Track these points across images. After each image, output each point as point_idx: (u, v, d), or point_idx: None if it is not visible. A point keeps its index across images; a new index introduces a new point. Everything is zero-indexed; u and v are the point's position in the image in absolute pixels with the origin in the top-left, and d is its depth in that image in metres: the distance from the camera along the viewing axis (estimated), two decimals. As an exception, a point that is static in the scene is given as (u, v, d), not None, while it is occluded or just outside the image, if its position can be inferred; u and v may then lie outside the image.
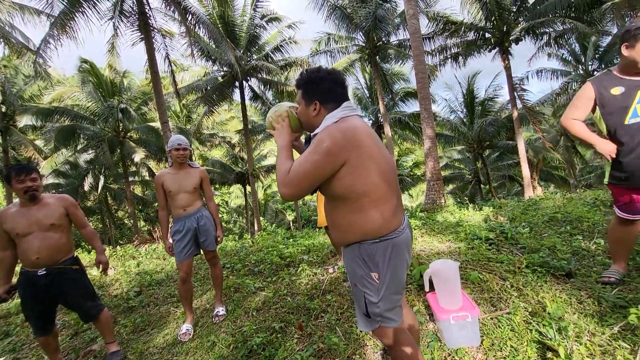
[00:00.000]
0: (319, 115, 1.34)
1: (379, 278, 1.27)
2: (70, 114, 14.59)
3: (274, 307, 2.85)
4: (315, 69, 1.37)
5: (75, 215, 2.48)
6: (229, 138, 21.43)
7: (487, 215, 4.64)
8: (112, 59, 10.81)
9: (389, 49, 14.20)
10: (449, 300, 1.99)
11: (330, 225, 1.41)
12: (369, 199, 1.25)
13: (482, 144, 18.40)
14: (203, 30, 11.08)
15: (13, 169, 2.25)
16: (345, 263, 1.39)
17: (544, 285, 2.36)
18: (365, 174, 1.23)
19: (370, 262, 1.27)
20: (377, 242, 1.26)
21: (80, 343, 2.92)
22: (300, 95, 1.39)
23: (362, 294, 1.30)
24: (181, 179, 2.71)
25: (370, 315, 1.30)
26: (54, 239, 2.32)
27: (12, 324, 3.49)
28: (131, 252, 6.14)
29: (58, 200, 2.43)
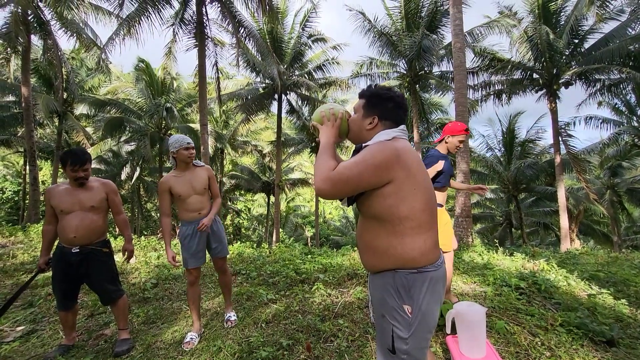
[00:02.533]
0: (372, 131, 1.32)
1: (411, 312, 1.17)
2: (121, 106, 15.72)
3: (284, 322, 2.78)
4: (387, 87, 1.37)
5: (114, 202, 2.61)
6: (261, 147, 22.01)
7: (520, 262, 4.34)
8: (168, 62, 11.58)
9: (430, 79, 14.16)
10: (471, 347, 1.84)
11: (363, 248, 1.31)
12: (413, 224, 1.19)
13: (517, 186, 17.54)
14: (252, 43, 11.67)
15: (70, 157, 2.41)
16: (372, 290, 1.31)
17: (579, 349, 2.14)
18: (412, 197, 1.19)
19: (405, 294, 1.18)
20: (415, 272, 1.19)
21: (94, 325, 3.00)
22: (360, 105, 1.36)
23: (390, 327, 1.20)
24: (190, 181, 2.56)
25: (396, 351, 1.19)
26: (91, 220, 2.45)
27: (37, 295, 3.66)
28: (154, 243, 6.33)
29: (102, 184, 2.57)
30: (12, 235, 7.11)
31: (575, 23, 12.01)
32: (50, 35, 11.35)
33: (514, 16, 12.86)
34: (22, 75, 11.00)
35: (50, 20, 11.13)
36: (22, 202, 19.18)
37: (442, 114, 18.43)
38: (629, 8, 11.60)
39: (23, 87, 10.77)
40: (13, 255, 5.40)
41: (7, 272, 4.52)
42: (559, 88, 12.80)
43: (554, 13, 12.49)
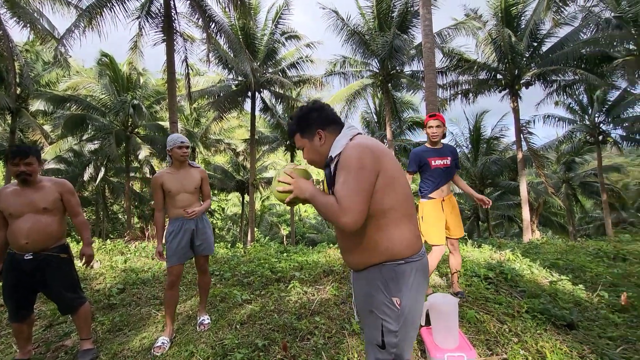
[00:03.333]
0: (327, 142, 1.31)
1: (400, 304, 1.18)
2: (82, 103, 14.77)
3: (259, 323, 2.73)
4: (298, 110, 1.38)
5: (70, 203, 2.41)
6: (234, 146, 21.55)
7: (488, 253, 4.54)
8: (134, 57, 11.02)
9: (401, 78, 14.48)
10: (444, 337, 1.89)
11: (347, 247, 1.29)
12: (397, 215, 1.20)
13: (484, 182, 18.42)
14: (224, 39, 11.37)
15: (11, 150, 2.22)
16: (358, 288, 1.30)
17: (543, 333, 2.26)
18: (393, 187, 1.19)
19: (393, 286, 1.18)
20: (403, 263, 1.19)
21: (53, 336, 2.78)
22: (299, 138, 1.36)
23: (379, 322, 1.19)
24: (182, 179, 2.60)
25: (386, 345, 1.19)
26: (45, 224, 2.25)
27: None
28: (120, 247, 6.02)
29: (55, 184, 2.37)
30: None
31: (534, 27, 12.75)
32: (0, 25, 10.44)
33: (479, 19, 13.44)
34: (-33, 68, 10.05)
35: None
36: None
37: (413, 112, 18.93)
38: (581, 14, 12.47)
39: (-32, 81, 9.84)
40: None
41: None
42: (520, 88, 13.54)
43: (515, 17, 13.17)
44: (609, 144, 17.74)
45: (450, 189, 2.97)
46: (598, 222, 23.01)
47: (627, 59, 11.24)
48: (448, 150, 2.94)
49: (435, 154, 2.91)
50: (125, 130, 16.10)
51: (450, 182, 2.96)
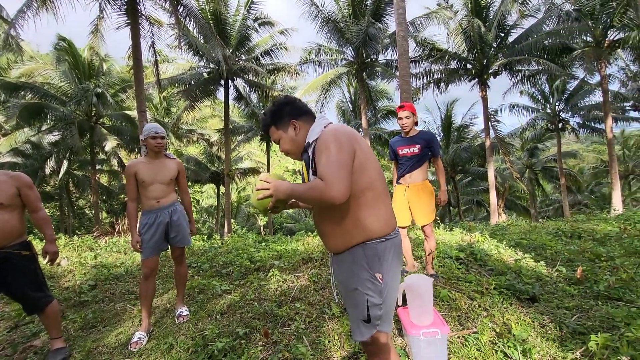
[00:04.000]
0: (301, 132, 1.38)
1: (382, 279, 1.26)
2: (39, 91, 13.69)
3: (240, 312, 2.73)
4: (270, 105, 1.44)
5: (28, 197, 2.26)
6: (208, 136, 20.92)
7: (459, 235, 4.77)
8: (95, 41, 10.32)
9: (376, 67, 14.57)
10: (420, 316, 1.98)
11: (328, 231, 1.33)
12: (374, 194, 1.27)
13: (455, 168, 19.14)
14: (193, 24, 10.86)
15: None
16: (340, 269, 1.34)
17: (509, 307, 2.42)
18: (367, 167, 1.26)
19: (375, 263, 1.26)
20: (383, 241, 1.27)
21: (19, 337, 2.65)
22: (274, 130, 1.41)
23: (364, 298, 1.26)
24: (156, 170, 2.52)
25: (372, 319, 1.26)
26: (2, 220, 2.11)
27: (-60, 312, 3.12)
28: (89, 243, 5.75)
29: (11, 178, 2.21)
30: None
31: (502, 18, 13.19)
32: None
33: (451, 9, 13.72)
34: None
35: None
36: None
37: (387, 101, 19.20)
38: (544, 6, 13.04)
39: None
40: None
41: None
42: (488, 77, 14.06)
43: (485, 7, 13.55)
44: (568, 131, 18.94)
45: (424, 177, 3.05)
46: (557, 204, 24.68)
47: (584, 50, 11.93)
48: (420, 138, 3.03)
49: (404, 143, 3.07)
50: (89, 121, 15.16)
51: (421, 169, 3.04)
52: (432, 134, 3.12)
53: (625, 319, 2.09)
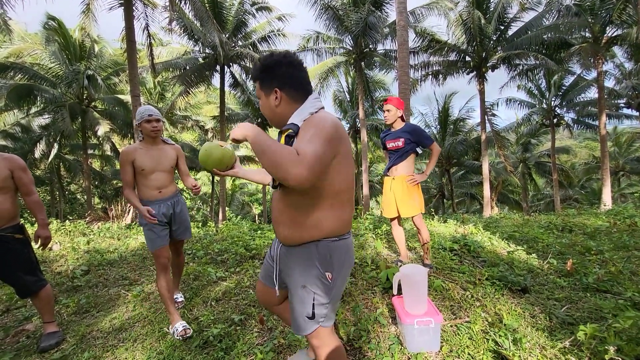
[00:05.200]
0: (282, 105, 1.24)
1: (332, 278, 1.24)
2: (28, 72, 13.32)
3: (235, 299, 2.74)
4: (269, 54, 1.26)
5: (21, 180, 2.22)
6: (203, 123, 20.66)
7: (453, 227, 4.82)
8: (86, 22, 10.01)
9: (375, 57, 14.42)
10: (415, 305, 2.01)
11: (285, 222, 1.26)
12: (345, 197, 1.24)
13: (450, 161, 19.26)
14: (189, 7, 10.60)
15: None
16: (289, 262, 1.29)
17: (501, 298, 2.47)
18: (345, 170, 1.21)
19: (326, 262, 1.23)
20: (337, 240, 1.25)
21: (11, 321, 2.63)
22: (258, 87, 1.28)
23: (311, 296, 1.23)
24: (157, 157, 2.35)
25: (316, 316, 1.25)
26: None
27: None
28: (82, 228, 5.70)
29: (4, 160, 2.17)
30: None
31: (502, 10, 13.08)
32: None
33: (452, 0, 13.55)
34: None
35: None
36: None
37: (385, 92, 19.08)
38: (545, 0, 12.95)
39: None
40: None
41: None
42: (486, 71, 14.03)
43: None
44: (562, 126, 19.09)
45: (409, 170, 3.06)
46: (548, 199, 25.07)
47: (582, 46, 11.93)
48: (403, 132, 3.03)
49: (390, 137, 3.11)
50: (80, 104, 14.83)
51: (406, 162, 3.04)
52: (414, 127, 3.07)
53: (613, 310, 2.14)
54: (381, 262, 3.05)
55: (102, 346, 2.19)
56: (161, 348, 2.11)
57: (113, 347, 2.17)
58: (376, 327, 2.17)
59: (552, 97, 18.02)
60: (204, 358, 1.97)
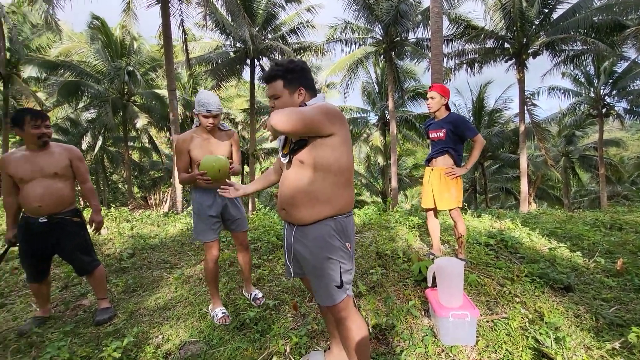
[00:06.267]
0: (304, 101, 1.46)
1: (350, 247, 1.44)
2: (76, 69, 14.30)
3: (268, 285, 2.84)
4: (289, 60, 1.48)
5: (79, 169, 2.42)
6: (233, 116, 21.19)
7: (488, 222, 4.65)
8: (127, 20, 10.53)
9: (406, 46, 14.00)
10: (449, 298, 1.98)
11: (301, 200, 1.38)
12: (349, 176, 1.42)
13: (484, 154, 18.40)
14: (221, 2, 10.83)
15: (28, 113, 2.20)
16: (309, 242, 1.41)
17: (541, 295, 2.37)
18: (348, 151, 1.40)
19: (344, 234, 1.42)
20: (348, 216, 1.45)
21: (70, 296, 2.90)
22: (281, 86, 1.44)
23: (337, 265, 1.39)
24: (213, 148, 2.28)
25: (344, 283, 1.40)
26: (56, 188, 2.28)
27: (1, 270, 3.46)
28: (125, 215, 6.10)
29: (65, 150, 2.38)
30: (-37, 210, 6.53)
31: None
32: (-18, -17, 9.84)
33: (490, -18, 12.78)
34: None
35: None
36: (-32, 176, 17.52)
37: (415, 82, 18.48)
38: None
39: (-45, 44, 9.44)
40: (-33, 230, 5.00)
41: (-37, 248, 4.19)
42: (527, 58, 13.16)
43: (528, -20, 12.52)
44: (612, 117, 17.58)
45: (449, 163, 2.95)
46: (593, 195, 23.33)
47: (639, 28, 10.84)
48: (446, 122, 2.92)
49: (433, 127, 3.02)
50: (121, 99, 15.73)
51: (447, 155, 2.95)
52: (457, 117, 2.95)
53: (670, 314, 1.99)
54: (413, 254, 3.02)
55: (149, 323, 2.36)
56: (202, 327, 2.23)
57: (159, 324, 2.33)
58: (409, 318, 2.17)
59: (602, 85, 16.60)
60: (241, 339, 2.07)
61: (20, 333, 2.27)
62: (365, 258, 3.24)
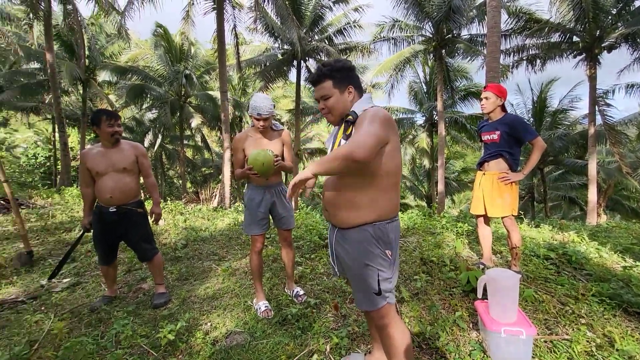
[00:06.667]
0: (352, 100, 1.45)
1: (391, 255, 1.38)
2: (141, 74, 15.76)
3: (310, 283, 2.88)
4: (335, 60, 1.47)
5: (143, 165, 2.67)
6: (279, 116, 21.83)
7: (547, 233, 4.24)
8: (186, 26, 11.35)
9: (458, 43, 13.30)
10: (502, 312, 1.84)
11: (342, 204, 1.38)
12: (394, 180, 1.37)
13: (544, 159, 16.82)
14: (271, 5, 11.21)
15: (104, 113, 2.48)
16: (347, 244, 1.40)
17: (612, 318, 2.11)
18: (397, 155, 1.36)
19: (384, 242, 1.36)
20: (390, 222, 1.38)
21: (132, 279, 3.20)
22: (330, 86, 1.42)
23: (375, 273, 1.35)
24: (264, 145, 2.37)
25: (382, 291, 1.36)
26: (125, 182, 2.53)
27: (77, 252, 3.92)
28: (180, 208, 6.57)
29: (132, 147, 2.63)
30: (49, 197, 7.54)
31: (627, -23, 10.78)
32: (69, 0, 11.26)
33: (557, -30, 11.65)
34: (46, 41, 11.10)
35: (68, -17, 10.99)
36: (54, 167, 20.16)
37: (467, 81, 17.47)
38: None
39: (47, 54, 10.90)
40: (52, 215, 5.75)
41: (49, 230, 4.85)
42: (600, 52, 11.79)
43: (603, -35, 11.21)
44: None
45: (502, 167, 2.74)
46: (680, 208, 20.17)
47: None
48: (501, 124, 2.71)
49: (486, 128, 2.84)
50: (179, 100, 17.00)
51: (500, 159, 2.75)
52: (515, 118, 2.72)
53: None
54: (461, 263, 2.86)
55: (199, 310, 2.52)
56: (246, 319, 2.33)
57: (207, 312, 2.48)
58: (455, 329, 2.06)
59: (695, 82, 14.29)
60: (282, 334, 2.13)
61: (91, 309, 2.56)
62: (408, 263, 3.14)
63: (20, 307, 2.70)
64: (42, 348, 2.06)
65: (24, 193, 7.77)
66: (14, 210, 3.78)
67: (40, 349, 2.06)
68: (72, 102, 19.38)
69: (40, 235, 4.66)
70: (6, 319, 2.53)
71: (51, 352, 1.98)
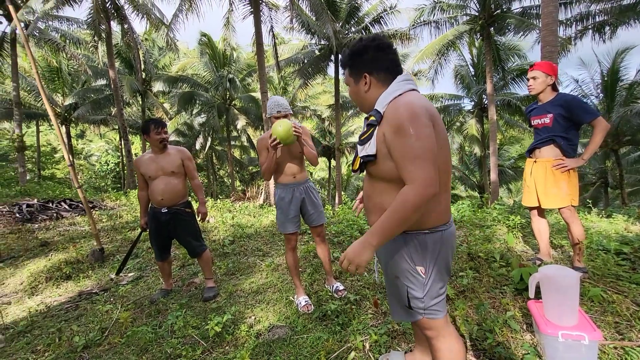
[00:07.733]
0: (372, 90, 1.21)
1: (425, 273, 1.16)
2: (190, 82, 16.87)
3: (350, 279, 2.86)
4: (357, 40, 1.22)
5: (188, 168, 2.86)
6: (320, 112, 21.95)
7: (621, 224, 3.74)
8: (227, 32, 11.87)
9: (508, 19, 12.18)
10: (559, 314, 1.67)
11: (374, 209, 1.22)
12: (444, 180, 1.14)
13: (619, 139, 14.82)
14: (306, 3, 11.24)
15: (152, 122, 2.71)
16: (381, 254, 1.28)
17: (702, 324, 1.80)
18: (441, 152, 1.10)
19: (417, 255, 1.16)
20: (428, 233, 1.15)
21: (185, 274, 3.46)
22: (347, 74, 1.26)
23: (404, 288, 1.20)
24: (288, 148, 2.40)
25: (413, 308, 1.20)
26: (173, 184, 2.74)
27: (140, 248, 4.34)
28: (228, 206, 6.94)
29: (178, 152, 2.83)
30: (118, 199, 8.43)
31: None
32: (125, 19, 12.39)
33: None
34: (108, 59, 12.36)
35: (124, 4, 12.08)
36: (122, 172, 22.49)
37: (519, 59, 15.94)
38: None
39: (110, 71, 12.13)
40: (120, 215, 6.42)
41: (117, 229, 5.42)
42: (690, 10, 10.01)
43: None
44: None
45: (556, 153, 2.45)
46: None
47: None
48: (553, 105, 2.41)
49: (536, 112, 2.55)
50: (224, 103, 17.92)
51: (553, 145, 2.45)
52: (570, 97, 2.38)
53: None
54: (513, 258, 2.65)
55: (244, 304, 2.65)
56: (288, 314, 2.40)
57: (252, 306, 2.59)
58: (505, 331, 1.91)
59: None
60: (322, 329, 2.15)
61: (151, 301, 2.83)
62: (454, 259, 2.98)
63: (94, 298, 3.07)
64: (111, 335, 2.32)
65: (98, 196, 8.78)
66: (87, 213, 4.29)
67: (109, 336, 2.32)
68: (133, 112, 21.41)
69: (109, 234, 5.23)
70: (83, 307, 2.90)
71: (118, 339, 2.22)
